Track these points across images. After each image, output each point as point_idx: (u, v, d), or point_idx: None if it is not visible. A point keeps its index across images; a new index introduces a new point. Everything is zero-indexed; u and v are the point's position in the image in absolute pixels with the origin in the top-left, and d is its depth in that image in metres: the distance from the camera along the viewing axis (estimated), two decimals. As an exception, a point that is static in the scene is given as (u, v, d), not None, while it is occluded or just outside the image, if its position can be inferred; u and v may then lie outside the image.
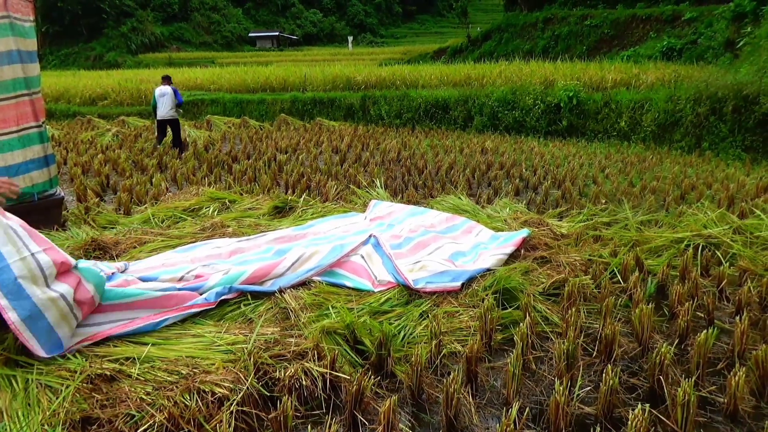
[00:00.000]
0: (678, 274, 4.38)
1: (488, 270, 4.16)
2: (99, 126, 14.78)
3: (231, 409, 2.58)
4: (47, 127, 5.60)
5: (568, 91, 13.04)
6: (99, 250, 4.59)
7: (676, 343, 3.31)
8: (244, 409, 2.63)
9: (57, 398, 2.54)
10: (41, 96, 5.22)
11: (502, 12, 42.41)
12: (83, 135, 13.14)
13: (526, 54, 24.70)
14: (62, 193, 5.71)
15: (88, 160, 9.64)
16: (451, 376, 2.69)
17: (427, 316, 3.54)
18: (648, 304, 3.49)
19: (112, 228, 5.45)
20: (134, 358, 2.88)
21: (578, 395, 2.78)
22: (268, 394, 2.76)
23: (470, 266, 4.23)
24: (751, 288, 3.98)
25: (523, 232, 4.77)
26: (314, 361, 2.95)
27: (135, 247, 4.72)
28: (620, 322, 3.61)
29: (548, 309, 3.74)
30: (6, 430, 2.36)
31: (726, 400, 2.77)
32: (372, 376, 2.94)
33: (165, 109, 10.88)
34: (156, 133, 11.48)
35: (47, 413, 2.45)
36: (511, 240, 4.66)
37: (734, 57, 15.25)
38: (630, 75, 14.59)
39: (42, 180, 5.27)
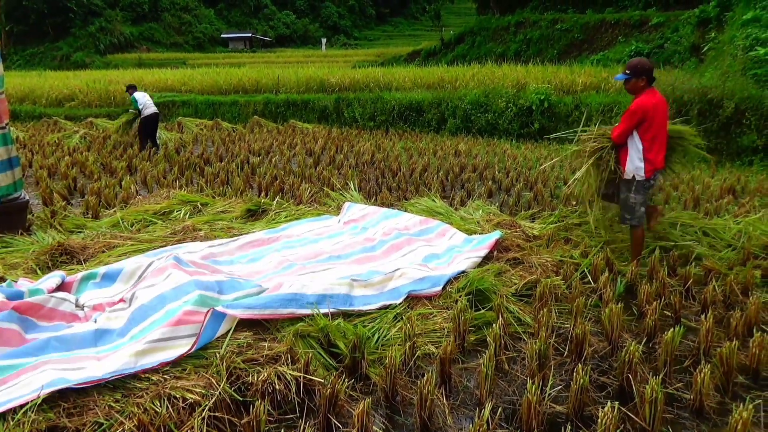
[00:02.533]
0: (646, 274, 4.47)
1: (463, 272, 4.19)
2: (66, 128, 14.45)
3: (203, 414, 2.55)
4: (11, 128, 5.44)
5: (539, 94, 13.22)
6: (66, 255, 4.49)
7: (644, 341, 3.38)
8: (216, 414, 2.59)
9: (22, 408, 2.47)
10: (4, 97, 5.09)
11: (474, 15, 42.82)
12: (49, 137, 12.83)
13: (498, 57, 24.98)
14: (27, 197, 5.57)
15: (55, 162, 9.41)
16: (425, 378, 2.71)
17: (401, 319, 3.54)
18: (617, 304, 3.55)
19: (80, 232, 5.33)
20: (102, 365, 2.82)
21: (550, 394, 2.82)
22: (241, 399, 2.73)
23: (446, 269, 4.25)
24: (716, 287, 4.09)
25: (496, 235, 4.82)
26: (288, 364, 2.94)
27: (104, 252, 4.63)
28: (591, 322, 3.67)
29: (521, 310, 3.78)
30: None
31: (692, 397, 2.84)
32: (346, 379, 2.93)
33: (153, 105, 11.21)
34: (145, 134, 11.34)
35: (11, 423, 2.39)
36: (484, 243, 4.70)
37: (699, 61, 15.67)
38: (599, 78, 14.87)
39: (6, 183, 5.14)
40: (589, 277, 4.39)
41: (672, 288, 4.25)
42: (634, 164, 4.46)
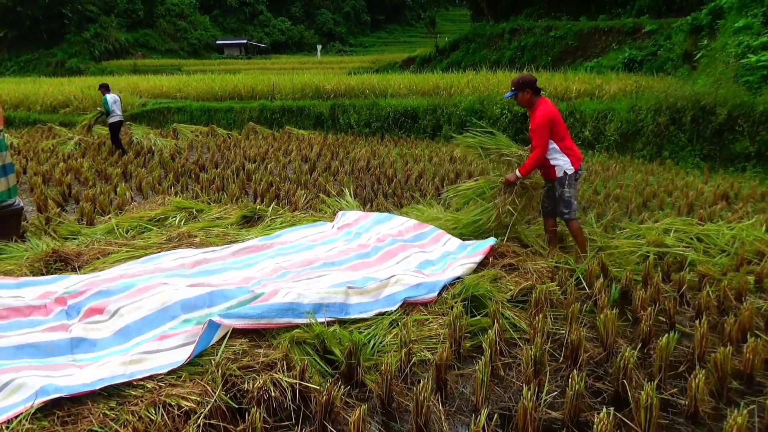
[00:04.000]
0: (641, 279, 4.49)
1: (458, 278, 4.20)
2: (61, 134, 14.41)
3: (198, 422, 2.54)
4: (5, 135, 5.43)
5: (534, 100, 13.28)
6: (60, 262, 4.47)
7: (639, 347, 3.40)
8: (212, 422, 2.59)
9: (16, 417, 2.46)
10: (-1, 103, 5.07)
11: (469, 22, 43.05)
12: (44, 143, 12.80)
13: (493, 64, 25.10)
14: (21, 203, 5.55)
15: (49, 169, 9.39)
16: (420, 384, 2.71)
17: (397, 325, 3.55)
18: (612, 310, 3.56)
19: (74, 239, 5.31)
20: (97, 373, 2.81)
21: (546, 400, 2.82)
22: (237, 406, 2.72)
23: (441, 275, 4.25)
24: (710, 292, 4.11)
25: (491, 241, 4.83)
26: (283, 371, 2.93)
27: (98, 258, 4.61)
28: (586, 328, 3.68)
29: (516, 316, 3.79)
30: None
31: (687, 402, 2.85)
32: (342, 386, 2.93)
33: (121, 112, 11.57)
34: (113, 139, 11.68)
35: (5, 432, 2.37)
36: (479, 249, 4.71)
37: (692, 69, 15.79)
38: (593, 85, 14.97)
39: (1, 189, 5.11)
40: (584, 283, 4.40)
41: (666, 294, 4.27)
42: (561, 162, 4.84)
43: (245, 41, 62.18)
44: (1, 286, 3.78)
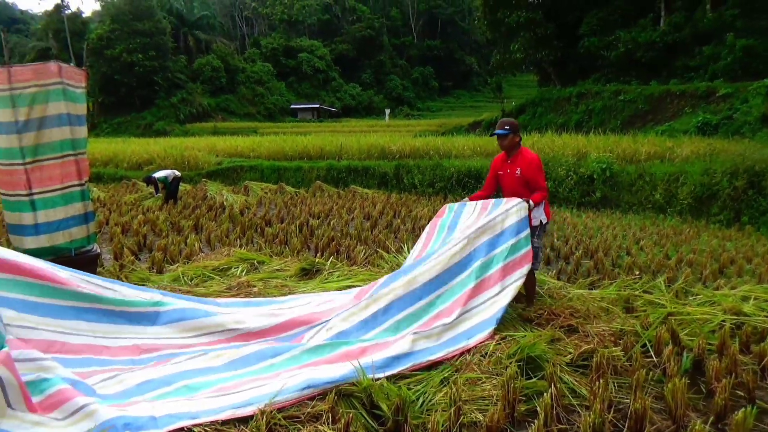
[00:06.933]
0: (715, 349, 4.17)
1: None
2: (142, 189, 15.38)
3: (240, 469, 2.52)
4: (89, 186, 5.86)
5: (601, 162, 13.03)
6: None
7: (712, 421, 3.12)
8: (253, 470, 2.56)
9: None
10: (86, 157, 5.51)
11: (536, 87, 43.36)
12: (127, 197, 13.67)
13: (559, 128, 24.94)
14: (98, 250, 5.90)
15: (129, 220, 9.98)
16: (468, 446, 2.59)
17: (448, 383, 3.44)
18: (682, 379, 3.31)
19: (143, 285, 5.56)
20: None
21: (604, 473, 2.62)
22: (279, 457, 2.69)
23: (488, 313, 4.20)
24: (795, 366, 3.76)
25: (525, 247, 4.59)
26: (328, 424, 2.89)
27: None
28: (652, 398, 3.43)
29: (576, 381, 3.59)
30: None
31: (767, 486, 2.57)
32: (387, 443, 2.85)
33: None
34: (175, 193, 12.77)
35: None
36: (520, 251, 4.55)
37: (772, 132, 15.09)
38: (664, 148, 14.54)
39: (81, 236, 5.47)
40: (652, 351, 4.13)
41: (745, 366, 3.92)
42: (537, 213, 4.78)
43: (317, 105, 65.10)
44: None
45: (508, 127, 4.87)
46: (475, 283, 4.43)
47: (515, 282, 4.42)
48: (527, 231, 4.58)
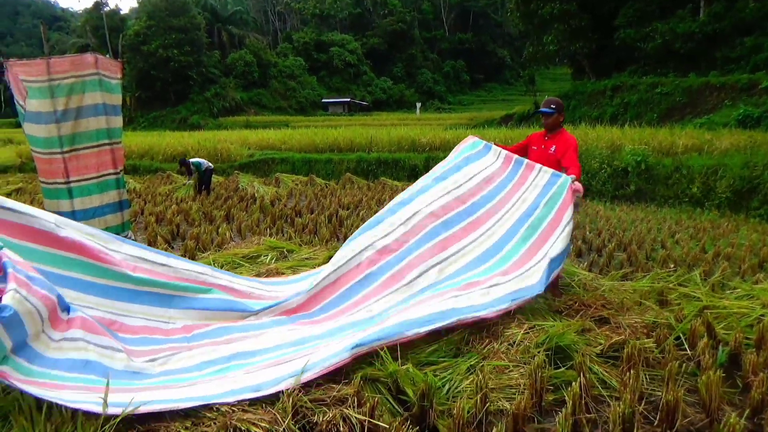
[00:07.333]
0: (753, 343, 4.03)
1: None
2: (176, 180, 15.69)
3: (266, 448, 2.55)
4: (123, 174, 5.99)
5: (636, 155, 12.72)
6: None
7: (747, 414, 3.02)
8: (279, 449, 2.59)
9: (100, 427, 2.60)
10: (121, 146, 5.65)
11: (569, 80, 42.55)
12: (162, 188, 13.95)
13: (593, 120, 24.41)
14: (133, 237, 6.04)
15: (163, 210, 10.19)
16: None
17: (474, 371, 3.41)
18: (717, 372, 3.22)
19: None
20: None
21: (633, 463, 2.57)
22: (305, 437, 2.71)
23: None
24: (838, 362, 3.61)
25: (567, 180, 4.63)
26: (354, 407, 2.90)
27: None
28: (685, 391, 3.34)
29: (606, 372, 3.52)
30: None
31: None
32: (411, 427, 2.84)
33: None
34: (208, 183, 13.03)
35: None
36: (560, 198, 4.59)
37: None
38: (702, 140, 14.09)
39: (115, 223, 5.61)
40: (686, 344, 4.02)
41: (784, 361, 3.79)
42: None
43: (348, 99, 65.25)
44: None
45: (553, 106, 4.94)
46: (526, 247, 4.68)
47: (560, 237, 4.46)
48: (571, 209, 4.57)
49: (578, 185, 4.60)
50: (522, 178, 4.99)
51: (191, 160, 13.02)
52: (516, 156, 5.14)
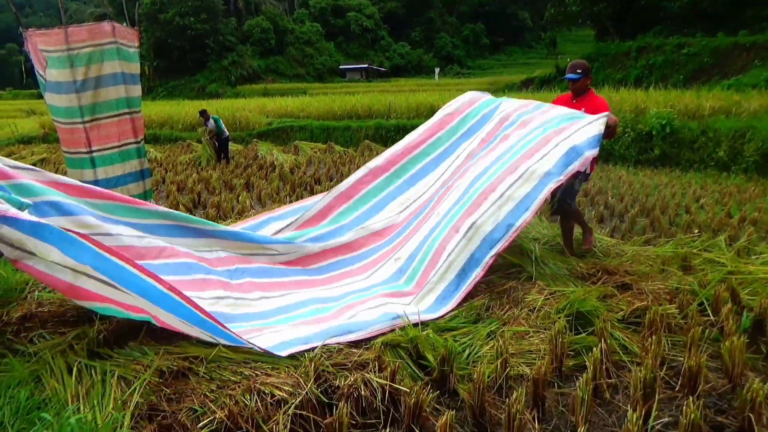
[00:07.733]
0: (778, 309, 3.97)
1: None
2: (196, 149, 15.76)
3: (288, 411, 2.60)
4: (144, 143, 6.03)
5: (660, 118, 12.41)
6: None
7: (771, 380, 2.99)
8: (302, 413, 2.64)
9: (129, 389, 2.67)
10: (141, 115, 5.67)
11: (592, 42, 41.34)
12: (182, 157, 14.05)
13: (617, 83, 23.81)
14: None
15: (184, 179, 10.28)
16: (514, 396, 2.58)
17: (495, 336, 3.42)
18: (741, 338, 3.18)
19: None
20: (203, 358, 2.99)
21: (653, 427, 2.57)
22: (327, 401, 2.76)
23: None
24: None
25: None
26: (375, 372, 2.93)
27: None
28: (708, 356, 3.31)
29: (627, 338, 3.51)
30: (81, 414, 2.51)
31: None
32: (432, 391, 2.87)
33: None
34: (226, 151, 13.22)
35: (118, 402, 2.59)
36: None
37: None
38: (730, 102, 13.68)
39: (137, 192, 5.68)
40: (709, 310, 3.98)
41: (811, 326, 3.73)
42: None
43: (366, 66, 64.44)
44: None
45: (580, 71, 4.85)
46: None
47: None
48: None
49: (613, 117, 4.53)
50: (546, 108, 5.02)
51: (213, 116, 13.20)
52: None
